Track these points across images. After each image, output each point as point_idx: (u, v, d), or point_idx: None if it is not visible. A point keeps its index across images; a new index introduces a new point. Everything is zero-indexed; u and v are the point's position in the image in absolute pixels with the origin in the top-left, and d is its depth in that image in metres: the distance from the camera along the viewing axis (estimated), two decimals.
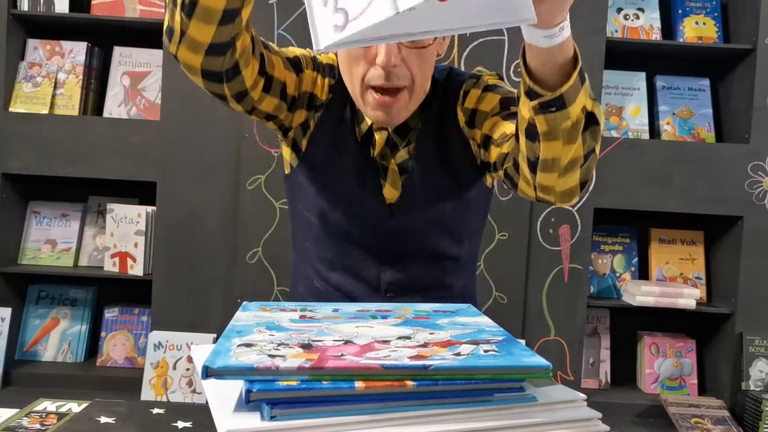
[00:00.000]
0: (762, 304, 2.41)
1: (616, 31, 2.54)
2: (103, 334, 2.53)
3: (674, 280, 2.58)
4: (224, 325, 1.85)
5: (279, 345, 0.53)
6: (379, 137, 1.19)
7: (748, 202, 2.40)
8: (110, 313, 2.53)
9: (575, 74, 0.85)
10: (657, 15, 2.56)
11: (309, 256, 1.27)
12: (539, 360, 0.50)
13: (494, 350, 0.53)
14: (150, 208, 2.42)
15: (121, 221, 2.44)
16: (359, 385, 0.47)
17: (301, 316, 0.61)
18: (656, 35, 2.54)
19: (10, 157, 2.38)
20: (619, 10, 2.56)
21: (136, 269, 2.41)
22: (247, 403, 0.47)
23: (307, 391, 0.47)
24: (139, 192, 2.57)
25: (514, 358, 0.50)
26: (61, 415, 0.92)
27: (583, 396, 0.52)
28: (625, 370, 2.62)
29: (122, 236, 2.43)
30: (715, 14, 2.56)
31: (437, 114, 1.20)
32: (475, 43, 2.35)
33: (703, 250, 2.62)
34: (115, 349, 2.51)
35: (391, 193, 1.21)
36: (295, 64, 1.15)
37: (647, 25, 2.55)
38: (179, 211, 2.37)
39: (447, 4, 0.55)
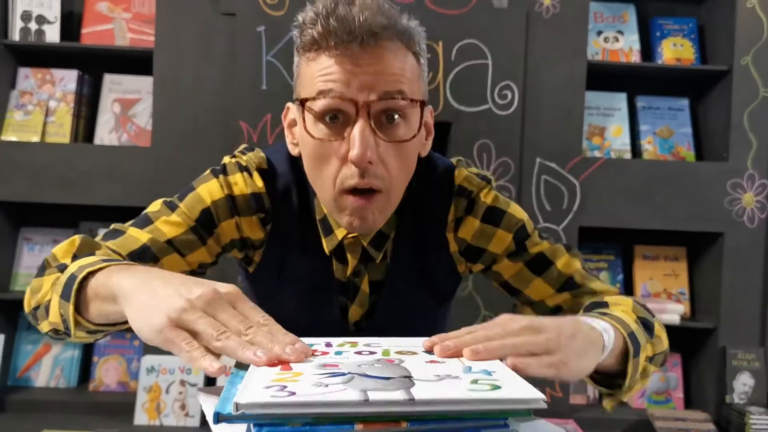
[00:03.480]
0: (744, 318, 2.47)
1: (597, 53, 2.61)
2: (95, 358, 2.54)
3: (658, 295, 2.63)
4: None
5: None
6: (352, 256, 1.06)
7: (728, 218, 2.46)
8: (103, 339, 2.54)
9: (629, 370, 0.91)
10: (636, 37, 2.63)
11: None
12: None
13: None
14: None
15: None
16: (358, 427, 0.51)
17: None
18: (636, 57, 2.61)
19: (2, 185, 2.40)
20: (600, 32, 2.63)
21: None
22: None
23: (309, 430, 0.51)
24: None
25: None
26: None
27: (563, 430, 0.57)
28: None
29: None
30: (692, 36, 2.63)
31: (413, 220, 1.08)
32: (460, 67, 2.40)
33: (686, 266, 2.67)
34: (107, 373, 2.52)
35: (356, 312, 1.11)
36: (197, 235, 1.02)
37: (627, 48, 2.62)
38: None
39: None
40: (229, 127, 2.39)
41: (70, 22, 2.58)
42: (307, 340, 0.70)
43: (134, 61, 2.54)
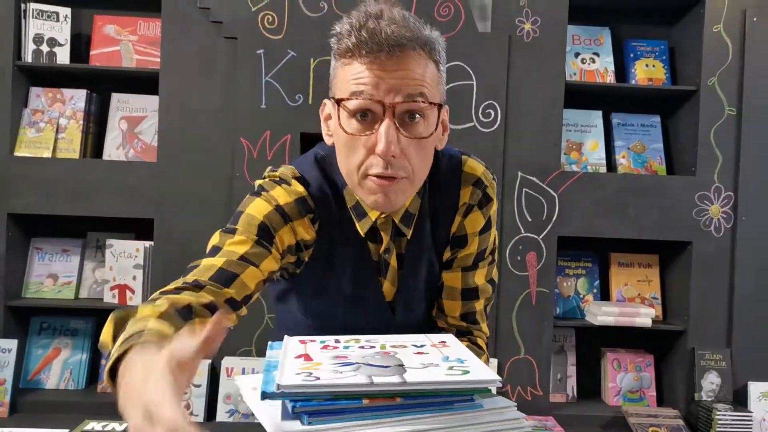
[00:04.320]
0: (711, 321, 2.65)
1: (575, 74, 2.79)
2: (103, 362, 2.68)
3: (633, 300, 2.81)
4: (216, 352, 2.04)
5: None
6: (384, 234, 1.19)
7: (696, 228, 2.64)
8: None
9: None
10: (611, 59, 2.81)
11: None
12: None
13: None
14: (147, 243, 2.60)
15: (120, 256, 2.61)
16: (365, 401, 0.67)
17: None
18: (611, 77, 2.79)
19: (15, 198, 2.55)
20: (577, 54, 2.81)
21: (135, 300, 2.58)
22: (292, 413, 0.68)
23: (332, 405, 0.67)
24: (134, 228, 2.75)
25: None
26: None
27: (514, 403, 0.73)
28: (590, 385, 2.83)
29: (121, 270, 2.61)
30: (664, 57, 2.82)
31: (430, 199, 1.22)
32: (447, 87, 2.56)
33: (659, 273, 2.85)
34: None
35: (389, 289, 1.23)
36: (261, 247, 1.10)
37: (602, 68, 2.80)
38: (175, 245, 2.55)
39: None
40: (230, 143, 2.55)
41: (79, 44, 2.74)
42: (319, 338, 0.86)
43: (140, 81, 2.70)
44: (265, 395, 0.69)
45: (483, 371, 0.72)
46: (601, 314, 2.64)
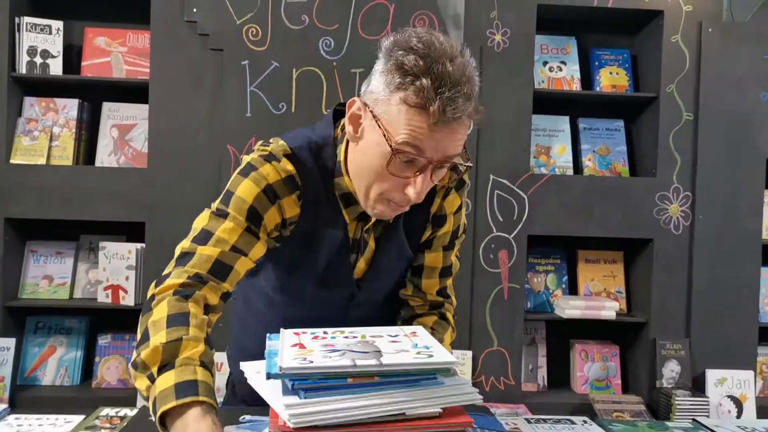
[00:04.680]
0: (671, 313, 2.83)
1: (543, 81, 2.95)
2: (97, 359, 2.81)
3: (599, 294, 2.99)
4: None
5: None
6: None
7: (656, 226, 2.82)
8: (103, 340, 2.82)
9: None
10: (577, 67, 2.98)
11: (261, 313, 1.41)
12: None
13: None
14: (139, 245, 2.73)
15: (113, 257, 2.74)
16: (350, 380, 0.83)
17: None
18: (577, 85, 2.96)
19: (12, 204, 2.67)
20: (545, 63, 2.98)
21: (128, 300, 2.71)
22: (291, 389, 0.83)
23: (323, 383, 0.83)
24: (126, 230, 2.87)
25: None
26: (121, 418, 1.25)
27: (469, 381, 0.89)
28: (559, 374, 3.01)
29: (114, 271, 2.74)
30: (626, 65, 3.00)
31: None
32: None
33: (623, 268, 3.04)
34: (108, 372, 2.79)
35: (361, 268, 1.32)
36: (250, 233, 1.18)
37: (569, 76, 2.97)
38: (166, 247, 2.67)
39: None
40: (217, 150, 2.68)
41: (71, 55, 2.86)
42: (309, 330, 1.01)
43: (130, 90, 2.82)
44: (270, 375, 0.85)
45: (444, 356, 0.88)
46: (569, 308, 2.82)
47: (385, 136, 1.10)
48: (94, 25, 2.84)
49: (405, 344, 0.93)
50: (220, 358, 2.65)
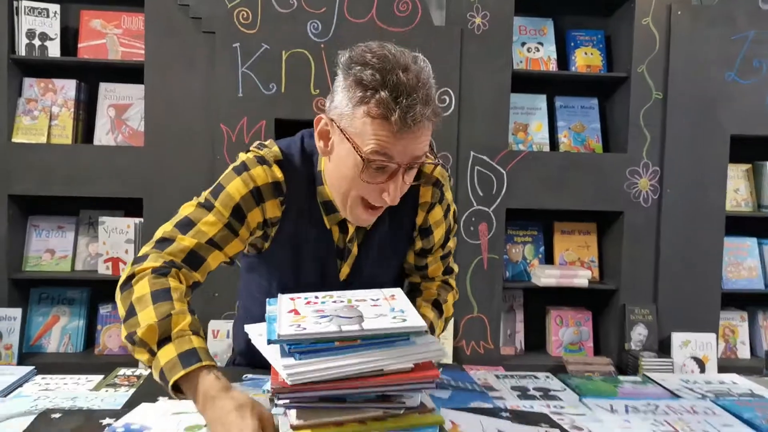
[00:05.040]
0: (639, 280, 3.02)
1: (521, 62, 3.09)
2: (99, 327, 2.97)
3: (573, 263, 3.17)
4: (202, 313, 2.36)
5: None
6: (351, 226, 1.38)
7: (627, 200, 2.99)
8: (104, 309, 2.98)
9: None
10: (554, 48, 3.12)
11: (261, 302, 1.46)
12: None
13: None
14: (137, 220, 2.88)
15: (113, 231, 2.89)
16: (337, 343, 1.00)
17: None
18: (553, 65, 3.10)
19: (15, 181, 2.80)
20: (523, 44, 3.11)
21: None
22: (288, 352, 0.99)
23: (314, 346, 0.99)
24: (123, 206, 3.01)
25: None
26: (137, 377, 1.41)
27: (437, 339, 1.05)
28: (535, 339, 3.20)
29: (114, 244, 2.88)
30: (600, 46, 3.14)
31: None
32: None
33: (596, 239, 3.21)
34: (110, 339, 2.95)
35: (344, 271, 1.43)
36: (230, 230, 1.29)
37: (546, 57, 3.11)
38: (163, 221, 2.81)
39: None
40: (210, 128, 2.82)
41: (67, 37, 2.97)
42: (303, 295, 1.18)
43: (126, 71, 2.94)
44: (270, 341, 1.01)
45: (416, 320, 1.04)
46: (545, 276, 3.00)
47: (354, 147, 1.19)
48: (90, 8, 2.95)
49: (384, 308, 1.09)
50: (220, 326, 2.82)
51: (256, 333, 1.12)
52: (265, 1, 2.80)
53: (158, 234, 1.31)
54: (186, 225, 1.29)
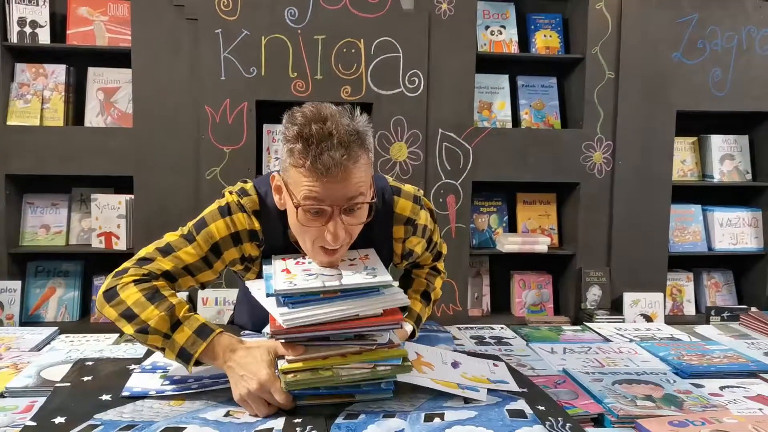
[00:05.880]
0: (594, 246, 3.29)
1: (485, 44, 3.31)
2: (93, 297, 3.17)
3: (534, 231, 3.43)
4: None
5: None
6: None
7: (583, 172, 3.25)
8: (99, 281, 3.18)
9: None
10: (515, 31, 3.35)
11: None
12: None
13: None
14: (128, 197, 3.07)
15: (105, 208, 3.08)
16: (321, 295, 1.24)
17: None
18: (515, 47, 3.33)
19: (11, 162, 2.97)
20: (487, 27, 3.33)
21: (120, 245, 3.07)
22: (283, 303, 1.23)
23: (303, 298, 1.23)
24: (113, 183, 3.20)
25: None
26: None
27: (401, 290, 1.28)
28: (501, 301, 3.47)
29: (106, 220, 3.08)
30: (559, 29, 3.37)
31: (367, 234, 1.43)
32: (378, 59, 3.07)
33: (556, 208, 3.47)
34: None
35: None
36: (205, 263, 1.41)
37: (508, 39, 3.33)
38: (153, 198, 3.03)
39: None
40: (195, 110, 3.01)
41: (56, 24, 3.12)
42: (293, 256, 1.41)
43: (113, 56, 3.12)
44: (268, 295, 1.26)
45: (384, 276, 1.28)
46: (509, 243, 3.25)
47: (290, 196, 1.29)
48: None
49: (358, 267, 1.33)
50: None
51: (256, 287, 1.36)
52: None
53: (140, 254, 1.42)
54: (166, 251, 1.41)
